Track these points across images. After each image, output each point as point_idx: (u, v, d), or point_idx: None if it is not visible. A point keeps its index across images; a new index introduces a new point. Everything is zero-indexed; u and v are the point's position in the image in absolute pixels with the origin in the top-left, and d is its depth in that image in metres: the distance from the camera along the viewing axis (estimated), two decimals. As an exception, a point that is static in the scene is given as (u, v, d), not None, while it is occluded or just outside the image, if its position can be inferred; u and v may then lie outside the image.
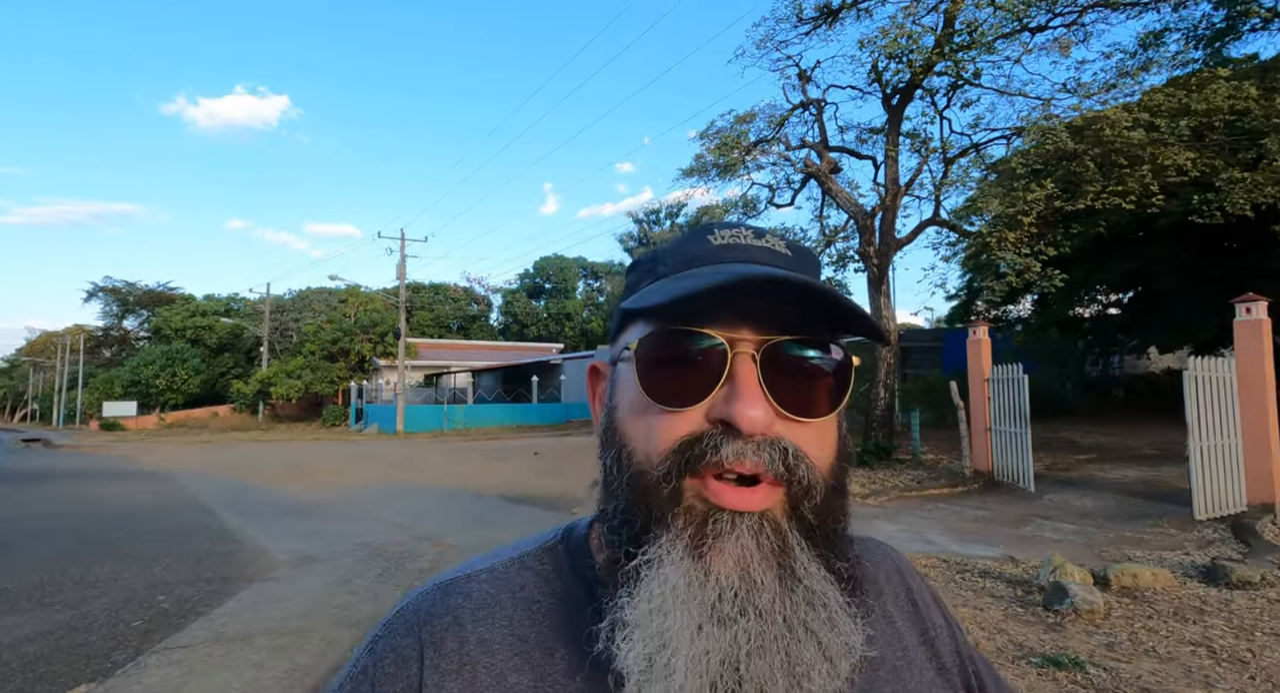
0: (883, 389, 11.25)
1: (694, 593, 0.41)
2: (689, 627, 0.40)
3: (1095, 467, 9.79)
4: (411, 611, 0.50)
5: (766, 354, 0.44)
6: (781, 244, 0.51)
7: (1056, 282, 9.91)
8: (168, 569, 5.77)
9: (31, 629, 4.26)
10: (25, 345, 68.81)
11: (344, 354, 33.44)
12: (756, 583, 0.41)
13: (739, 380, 0.43)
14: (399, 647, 0.48)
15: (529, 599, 0.50)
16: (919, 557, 5.36)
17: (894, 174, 11.44)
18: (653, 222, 45.18)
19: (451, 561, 6.00)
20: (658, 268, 0.51)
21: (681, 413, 0.44)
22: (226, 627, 4.28)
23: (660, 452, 0.44)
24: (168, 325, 45.27)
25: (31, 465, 16.41)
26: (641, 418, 0.46)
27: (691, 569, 0.41)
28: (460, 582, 0.52)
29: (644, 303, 0.46)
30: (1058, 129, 9.48)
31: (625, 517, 0.45)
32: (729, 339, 0.44)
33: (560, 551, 0.54)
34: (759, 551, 0.42)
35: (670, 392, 0.44)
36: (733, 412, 0.42)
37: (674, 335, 0.45)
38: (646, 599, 0.41)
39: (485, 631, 0.48)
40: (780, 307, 0.45)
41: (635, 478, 0.45)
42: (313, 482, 11.87)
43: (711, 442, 0.43)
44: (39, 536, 7.22)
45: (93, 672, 3.59)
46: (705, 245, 0.50)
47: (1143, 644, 3.40)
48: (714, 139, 12.01)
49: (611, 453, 0.47)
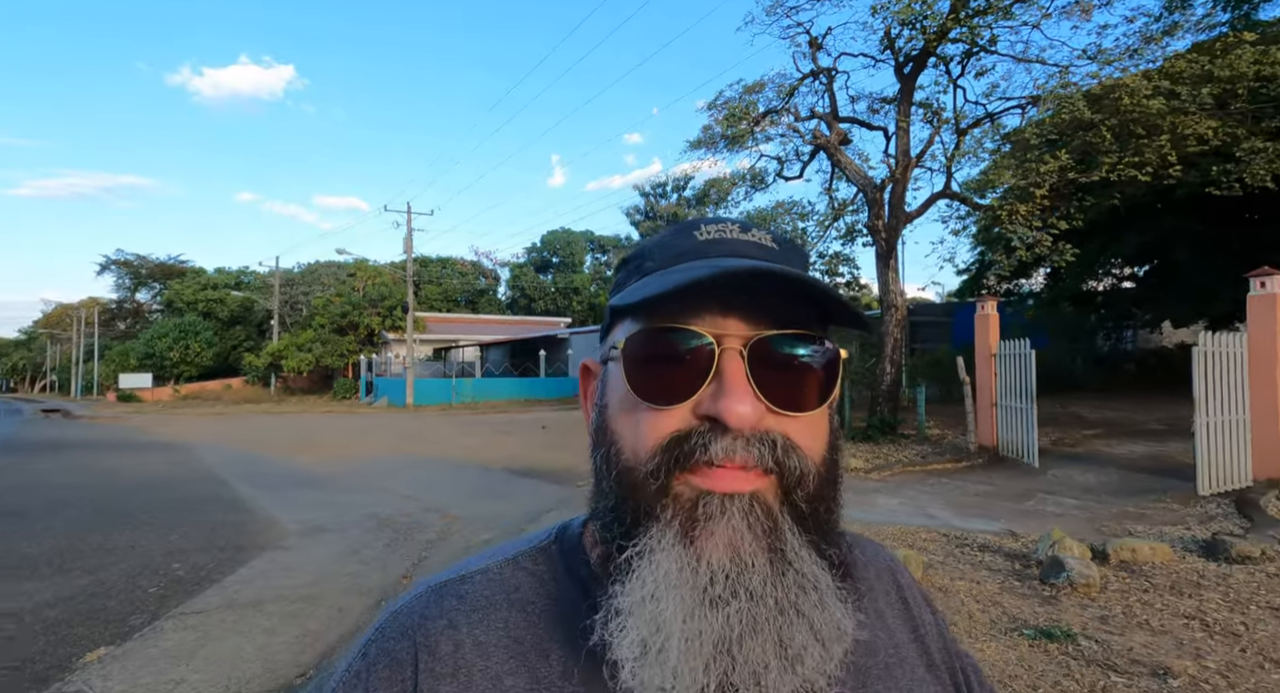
0: (889, 364, 11.20)
1: (685, 577, 0.41)
2: (681, 610, 0.41)
3: (1101, 442, 9.77)
4: (405, 614, 0.50)
5: (754, 350, 0.44)
6: (768, 238, 0.51)
7: (1068, 256, 9.74)
8: (183, 537, 5.94)
9: (52, 594, 4.42)
10: (42, 318, 69.82)
11: (353, 328, 33.66)
12: (747, 565, 0.42)
13: (726, 377, 0.43)
14: (393, 651, 0.48)
15: (524, 601, 0.50)
16: (918, 530, 5.40)
17: (905, 146, 11.20)
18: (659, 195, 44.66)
19: (459, 532, 6.12)
20: (645, 264, 0.51)
21: (669, 410, 0.44)
22: (239, 594, 4.42)
23: (649, 448, 0.44)
24: (180, 298, 45.68)
25: (51, 436, 16.79)
26: (629, 415, 0.46)
27: (683, 555, 0.42)
28: (454, 583, 0.51)
29: (629, 299, 0.46)
30: (1075, 97, 9.20)
31: (616, 513, 0.45)
32: (716, 335, 0.44)
33: (554, 551, 0.54)
34: (749, 532, 0.42)
35: (658, 389, 0.44)
36: (720, 408, 0.42)
37: (660, 333, 0.45)
38: (639, 586, 0.42)
39: (480, 633, 0.48)
40: (767, 300, 0.45)
41: (624, 474, 0.45)
42: (323, 454, 12.07)
43: (700, 439, 0.43)
44: (59, 504, 7.42)
45: (111, 635, 3.73)
46: (691, 240, 0.50)
47: (1136, 617, 3.43)
48: (722, 110, 11.77)
49: (601, 452, 0.48)
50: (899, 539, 5.12)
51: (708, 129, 12.21)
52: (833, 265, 13.83)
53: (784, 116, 11.84)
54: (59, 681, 3.17)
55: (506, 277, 50.81)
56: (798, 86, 11.79)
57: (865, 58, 11.64)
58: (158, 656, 3.42)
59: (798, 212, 13.14)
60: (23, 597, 4.36)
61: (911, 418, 11.40)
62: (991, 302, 9.63)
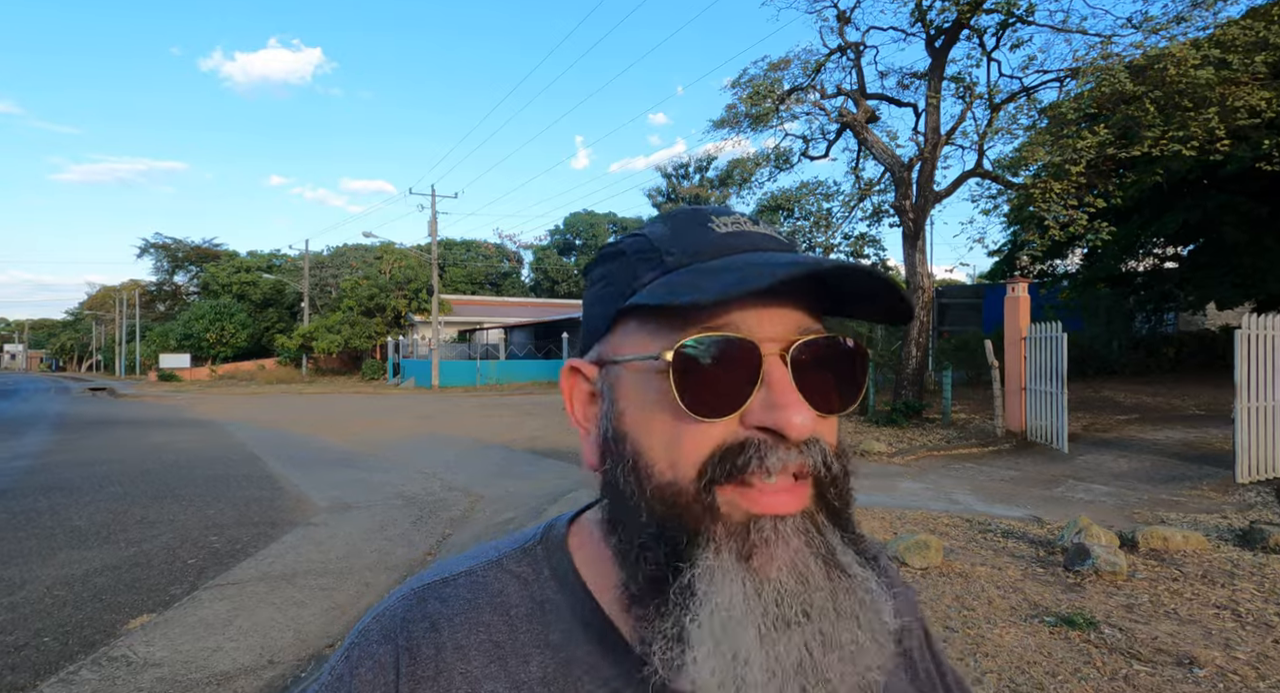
0: (914, 347, 11.01)
1: (754, 602, 0.41)
2: (758, 636, 0.40)
3: (1135, 427, 9.50)
4: (388, 617, 0.49)
5: (796, 353, 0.43)
6: (773, 230, 0.50)
7: (1104, 234, 9.40)
8: (219, 512, 6.17)
9: (100, 563, 4.65)
10: (87, 300, 72.38)
11: (380, 310, 34.24)
12: (810, 583, 0.42)
13: (775, 385, 0.42)
14: (375, 655, 0.47)
15: (506, 605, 0.49)
16: (940, 515, 5.35)
17: (935, 122, 10.85)
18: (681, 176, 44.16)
19: (482, 511, 6.25)
20: (665, 258, 0.47)
21: (716, 422, 0.43)
22: (272, 567, 4.58)
23: (694, 462, 0.42)
24: (215, 281, 46.90)
25: (98, 413, 17.51)
26: (666, 426, 0.43)
27: (748, 578, 0.41)
28: (437, 586, 0.51)
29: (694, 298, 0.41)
30: (1117, 69, 8.79)
31: (656, 531, 0.43)
32: (757, 340, 0.43)
33: (539, 552, 0.53)
34: (808, 548, 0.42)
35: (707, 401, 0.42)
36: (779, 420, 0.41)
37: (713, 341, 0.43)
38: (709, 615, 0.40)
39: (462, 637, 0.47)
40: (797, 298, 0.44)
41: (662, 490, 0.43)
42: (351, 433, 12.38)
43: (757, 451, 0.41)
44: (106, 479, 7.76)
45: (153, 603, 3.91)
46: (710, 233, 0.47)
47: (1164, 606, 3.36)
48: (746, 88, 11.54)
49: (624, 465, 0.45)
50: (920, 524, 5.08)
51: (731, 108, 12.00)
52: (858, 247, 13.57)
53: (810, 94, 11.57)
54: (105, 645, 3.34)
55: (530, 259, 51.05)
56: (824, 62, 11.49)
57: (895, 31, 11.27)
58: (195, 624, 3.58)
59: (822, 192, 12.89)
60: (74, 565, 4.60)
61: (937, 402, 11.22)
62: (1022, 283, 9.36)
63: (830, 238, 13.04)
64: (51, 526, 5.66)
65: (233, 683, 2.96)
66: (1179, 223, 13.76)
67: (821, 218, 12.89)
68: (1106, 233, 9.44)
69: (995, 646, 2.94)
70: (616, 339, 0.48)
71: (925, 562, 3.98)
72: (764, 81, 11.37)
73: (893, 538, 4.37)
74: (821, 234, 13.00)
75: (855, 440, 9.35)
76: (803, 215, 13.14)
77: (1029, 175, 10.27)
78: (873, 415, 11.16)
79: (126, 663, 3.13)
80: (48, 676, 3.04)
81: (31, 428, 13.77)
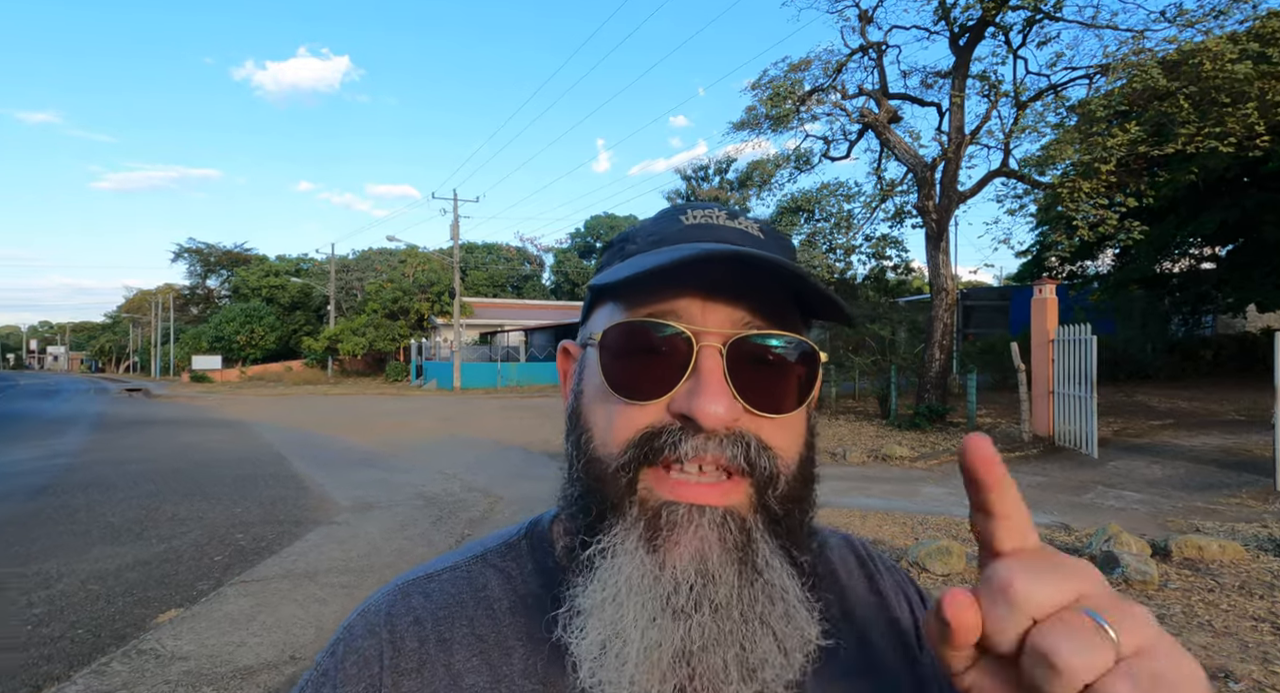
0: (938, 350, 10.82)
1: (647, 584, 0.41)
2: (642, 618, 0.40)
3: (1170, 433, 9.21)
4: (373, 612, 0.50)
5: (734, 347, 0.43)
6: (754, 226, 0.50)
7: (1136, 234, 9.15)
8: (246, 510, 6.31)
9: (132, 558, 4.79)
10: (124, 303, 74.69)
11: (404, 313, 34.75)
12: (714, 577, 0.41)
13: (703, 375, 0.42)
14: (360, 648, 0.48)
15: (490, 598, 0.50)
16: (963, 521, 5.24)
17: (959, 122, 10.68)
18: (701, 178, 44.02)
19: (500, 512, 6.30)
20: (627, 247, 0.51)
21: (644, 405, 0.43)
22: (295, 564, 4.67)
23: (620, 441, 0.43)
24: (245, 284, 48.07)
25: (134, 414, 18.04)
26: (604, 405, 0.45)
27: (646, 560, 0.41)
28: (421, 581, 0.51)
29: (607, 280, 0.45)
30: (1149, 65, 8.55)
31: (582, 503, 0.45)
32: (695, 331, 0.43)
33: (524, 547, 0.53)
34: (720, 544, 0.42)
35: (633, 383, 0.44)
36: (693, 407, 0.41)
37: (639, 326, 0.44)
38: (600, 587, 0.42)
39: (445, 630, 0.48)
40: (749, 294, 0.44)
41: (592, 465, 0.45)
42: (374, 434, 12.58)
43: (671, 436, 0.42)
44: (140, 477, 7.99)
45: (181, 598, 4.01)
46: (676, 225, 0.49)
47: (1198, 617, 3.25)
48: (766, 89, 11.48)
49: (573, 438, 0.47)
50: (943, 530, 4.98)
51: (751, 110, 11.94)
52: (879, 248, 13.40)
53: (830, 94, 11.46)
54: (135, 638, 3.43)
55: (551, 262, 51.35)
56: (845, 63, 11.38)
57: (918, 30, 11.13)
58: (221, 619, 3.66)
59: (843, 193, 12.75)
60: (107, 560, 4.75)
61: (961, 406, 11.01)
62: (1050, 285, 9.16)
63: (851, 239, 12.89)
64: (87, 521, 5.84)
65: (256, 678, 3.02)
66: (1217, 222, 13.33)
67: (842, 219, 12.75)
68: (1139, 233, 9.19)
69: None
70: (590, 322, 0.51)
71: (947, 568, 3.90)
72: (784, 82, 11.30)
73: (914, 543, 4.30)
74: (842, 235, 12.86)
75: (877, 444, 9.22)
76: (823, 217, 13.01)
77: (1057, 174, 10.04)
78: (895, 419, 10.99)
79: (155, 656, 3.22)
80: (81, 667, 3.14)
81: (71, 427, 14.24)
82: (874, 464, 8.23)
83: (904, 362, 12.67)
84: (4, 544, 5.14)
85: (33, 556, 4.85)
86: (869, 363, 12.96)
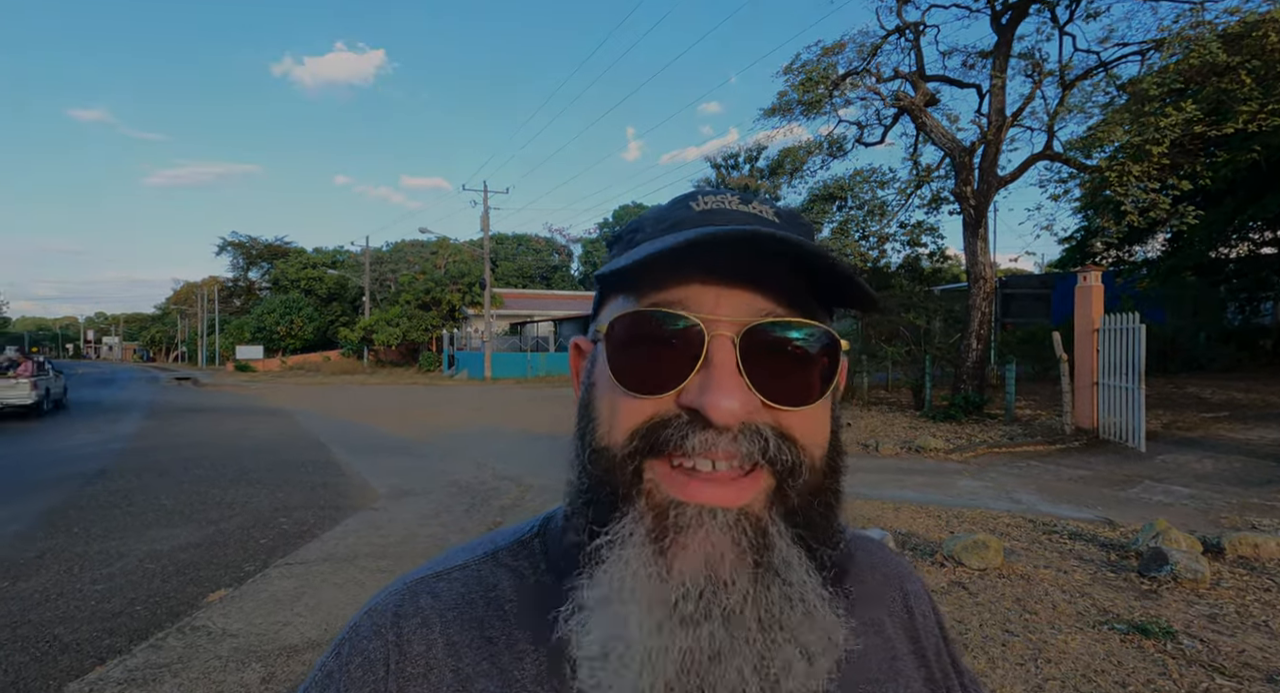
0: (975, 340, 10.54)
1: (653, 586, 0.39)
2: (647, 622, 0.38)
3: (1224, 426, 8.81)
4: (379, 612, 0.48)
5: (748, 337, 0.41)
6: (769, 210, 0.47)
7: (1189, 218, 8.73)
8: (289, 496, 6.54)
9: (185, 540, 5.02)
10: (172, 295, 77.70)
11: (435, 304, 35.36)
12: (725, 583, 0.39)
13: (715, 367, 0.40)
14: (365, 651, 0.46)
15: (500, 599, 0.48)
16: (1000, 515, 5.12)
17: (1000, 104, 10.31)
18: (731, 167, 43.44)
19: (531, 500, 6.39)
20: (636, 236, 0.48)
21: (654, 398, 0.41)
22: (335, 548, 4.83)
23: (626, 430, 0.41)
24: (285, 277, 49.50)
25: (184, 402, 18.82)
26: (610, 397, 0.43)
27: (652, 560, 0.39)
28: (430, 581, 0.49)
29: (612, 267, 0.43)
30: (1208, 39, 8.10)
31: (589, 496, 0.43)
32: (706, 320, 0.41)
33: (536, 545, 0.51)
34: (734, 547, 0.39)
35: (642, 377, 0.41)
36: (705, 402, 0.39)
37: (647, 316, 0.42)
38: (604, 584, 0.39)
39: (454, 633, 0.46)
40: (765, 281, 0.42)
41: (598, 455, 0.43)
42: (408, 422, 12.86)
43: (679, 429, 0.40)
44: (190, 462, 8.35)
45: (229, 579, 4.19)
46: (686, 211, 0.47)
47: (1253, 618, 3.12)
48: (799, 74, 11.25)
49: (579, 430, 0.46)
50: (979, 524, 4.88)
51: (783, 95, 11.72)
52: (915, 235, 13.07)
53: (865, 78, 11.18)
54: (188, 616, 3.60)
55: (579, 253, 51.50)
56: (881, 45, 11.07)
57: (958, 9, 10.75)
58: (267, 600, 3.81)
59: (877, 179, 12.45)
60: (162, 541, 4.98)
61: (999, 397, 10.72)
62: (1095, 272, 8.81)
63: (885, 226, 12.60)
64: (144, 504, 6.14)
65: (300, 656, 3.14)
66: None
67: (876, 206, 12.47)
68: (1193, 217, 8.77)
69: (1059, 652, 2.80)
70: (599, 316, 0.48)
71: (984, 563, 3.82)
72: (817, 66, 11.05)
73: (948, 537, 4.22)
74: (876, 222, 12.58)
75: (910, 436, 9.05)
76: (856, 204, 12.73)
77: (1104, 157, 9.62)
78: (929, 411, 10.76)
79: (207, 633, 3.37)
80: (139, 641, 3.31)
81: (127, 414, 14.94)
82: (907, 456, 8.08)
83: (939, 351, 12.36)
84: (68, 524, 5.44)
85: (94, 536, 5.12)
86: (902, 352, 12.68)
